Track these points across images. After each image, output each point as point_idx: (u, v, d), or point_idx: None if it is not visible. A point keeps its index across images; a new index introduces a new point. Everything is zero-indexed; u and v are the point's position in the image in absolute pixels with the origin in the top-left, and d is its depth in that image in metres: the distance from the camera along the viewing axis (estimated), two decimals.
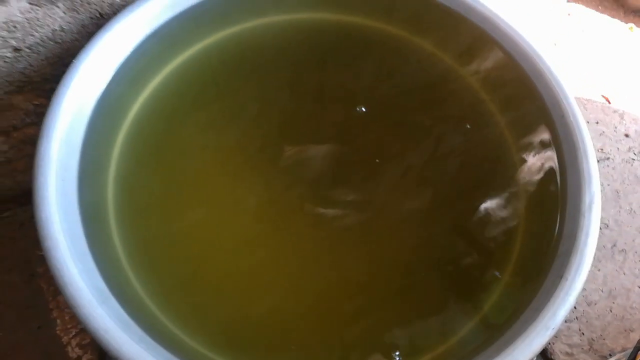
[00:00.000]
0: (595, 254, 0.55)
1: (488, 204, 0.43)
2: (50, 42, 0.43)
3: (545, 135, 0.41)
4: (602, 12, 0.73)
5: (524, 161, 0.43)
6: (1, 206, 0.57)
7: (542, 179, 0.41)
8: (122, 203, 0.40)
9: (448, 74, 0.47)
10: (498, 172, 0.44)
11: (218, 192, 0.44)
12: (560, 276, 0.32)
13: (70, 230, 0.33)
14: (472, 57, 0.46)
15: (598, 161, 0.61)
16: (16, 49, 0.42)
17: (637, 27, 0.71)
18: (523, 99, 0.42)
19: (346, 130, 0.47)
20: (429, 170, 0.46)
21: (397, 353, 0.38)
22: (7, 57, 0.42)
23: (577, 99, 0.65)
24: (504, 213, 0.42)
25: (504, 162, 0.44)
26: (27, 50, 0.43)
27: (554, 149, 0.40)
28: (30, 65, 0.44)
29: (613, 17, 0.72)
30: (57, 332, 0.51)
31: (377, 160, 0.46)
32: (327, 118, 0.47)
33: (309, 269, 0.42)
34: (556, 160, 0.39)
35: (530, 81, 0.41)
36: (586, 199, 0.34)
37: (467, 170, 0.45)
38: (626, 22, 0.72)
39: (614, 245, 0.56)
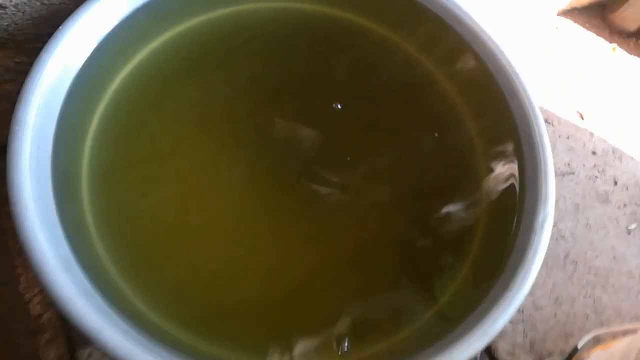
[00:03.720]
0: (548, 262, 0.58)
1: (453, 204, 0.45)
2: (37, 2, 0.43)
3: (511, 149, 0.42)
4: (588, 29, 0.74)
5: (490, 170, 0.45)
6: None
7: (503, 190, 0.43)
8: (97, 174, 0.40)
9: (427, 78, 0.48)
10: (465, 176, 0.46)
11: (195, 169, 0.45)
12: (505, 287, 0.34)
13: (41, 197, 0.34)
14: (451, 65, 0.47)
15: (563, 175, 0.63)
16: (1, 6, 0.41)
17: (620, 48, 0.73)
18: (495, 112, 0.44)
19: (320, 125, 0.48)
20: (401, 166, 0.47)
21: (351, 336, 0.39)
22: None
23: (552, 113, 0.67)
24: (465, 215, 0.44)
25: (471, 168, 0.46)
26: (13, 8, 0.42)
27: (517, 164, 0.41)
28: (15, 24, 0.44)
29: (598, 35, 0.74)
30: (20, 289, 0.52)
31: (350, 155, 0.47)
32: (300, 112, 0.48)
33: (278, 248, 0.43)
34: (517, 175, 0.41)
35: (504, 97, 0.42)
36: (540, 217, 0.36)
37: (436, 170, 0.47)
38: (610, 42, 0.74)
39: (567, 256, 0.59)
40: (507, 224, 0.40)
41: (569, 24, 0.73)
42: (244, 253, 0.43)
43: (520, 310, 0.55)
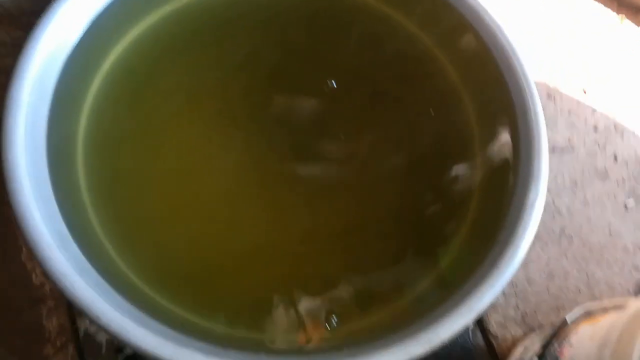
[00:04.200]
0: (543, 237, 0.58)
1: (446, 179, 0.46)
2: None
3: (506, 127, 0.42)
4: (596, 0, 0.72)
5: (485, 146, 0.45)
6: None
7: (497, 167, 0.43)
8: (92, 150, 0.41)
9: (425, 54, 0.47)
10: (460, 151, 0.46)
11: (191, 143, 0.45)
12: (493, 264, 0.34)
13: (36, 174, 0.34)
14: (450, 42, 0.47)
15: (563, 151, 0.63)
16: None
17: (628, 19, 0.72)
18: (492, 90, 0.43)
19: (316, 99, 0.47)
20: (397, 141, 0.48)
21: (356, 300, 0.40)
22: None
23: (555, 87, 0.66)
24: (458, 191, 0.45)
25: (467, 144, 0.46)
26: None
27: (511, 141, 0.41)
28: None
29: (606, 7, 0.72)
30: (22, 259, 0.53)
31: (347, 129, 0.47)
32: (297, 86, 0.48)
33: (280, 217, 0.44)
34: (511, 153, 0.41)
35: (502, 75, 0.42)
36: (531, 195, 0.36)
37: (431, 145, 0.47)
38: (618, 13, 0.72)
39: (562, 232, 0.59)
40: (499, 201, 0.40)
41: None
42: (240, 225, 0.44)
43: (513, 284, 0.56)
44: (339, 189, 0.46)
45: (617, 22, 0.71)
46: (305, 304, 0.40)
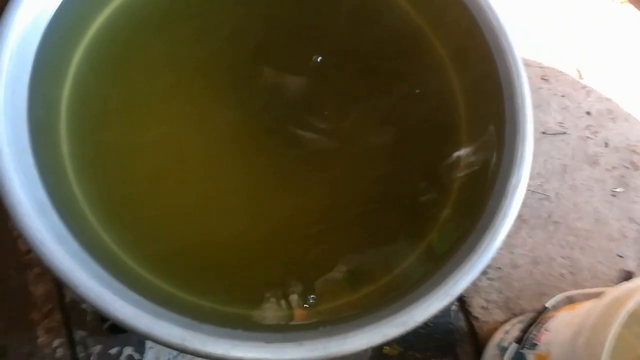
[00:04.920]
0: (530, 222, 0.59)
1: (430, 158, 0.46)
2: None
3: (493, 110, 0.42)
4: None
5: (470, 127, 0.45)
6: None
7: (481, 149, 0.43)
8: (75, 119, 0.40)
9: (414, 31, 0.47)
10: (445, 131, 0.46)
11: (177, 114, 0.45)
12: (471, 249, 0.35)
13: (16, 142, 0.34)
14: (440, 19, 0.46)
15: (555, 134, 0.62)
16: None
17: (629, 2, 0.70)
18: (482, 70, 0.43)
19: (304, 73, 0.47)
20: (384, 116, 0.47)
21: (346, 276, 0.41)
22: None
23: (550, 69, 0.65)
24: (441, 172, 0.45)
25: (455, 123, 0.46)
26: None
27: (497, 124, 0.41)
28: None
29: None
30: (9, 226, 0.53)
31: (335, 103, 0.47)
32: (285, 60, 0.47)
33: (264, 194, 0.44)
34: (496, 135, 0.41)
35: (491, 56, 0.41)
36: (513, 180, 0.36)
37: (417, 121, 0.47)
38: None
39: (549, 217, 0.59)
40: (482, 184, 0.40)
41: None
42: (225, 200, 0.44)
43: (497, 268, 0.56)
44: (326, 166, 0.46)
45: (615, 6, 0.70)
46: (289, 282, 0.40)
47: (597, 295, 0.46)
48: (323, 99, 0.47)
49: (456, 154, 0.45)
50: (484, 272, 0.55)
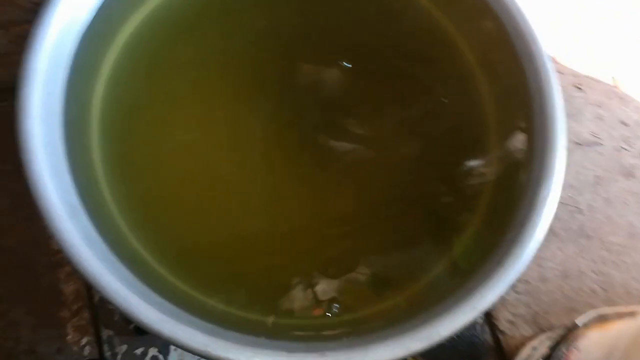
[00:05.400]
0: (561, 234, 0.57)
1: (459, 167, 0.45)
2: None
3: (524, 117, 0.41)
4: None
5: (500, 136, 0.44)
6: None
7: (512, 159, 0.42)
8: (108, 121, 0.41)
9: (444, 36, 0.46)
10: (477, 138, 0.45)
11: (208, 116, 0.45)
12: (499, 263, 0.34)
13: (51, 145, 0.35)
14: (468, 24, 0.45)
15: (588, 145, 0.61)
16: None
17: None
18: (510, 78, 0.42)
19: (334, 77, 0.47)
20: (416, 121, 0.47)
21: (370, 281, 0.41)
22: None
23: (585, 77, 0.64)
24: (471, 182, 0.44)
25: (484, 130, 0.45)
26: None
27: (527, 133, 0.40)
28: None
29: None
30: (42, 224, 0.54)
31: (364, 109, 0.47)
32: (316, 63, 0.47)
33: (293, 196, 0.44)
34: (527, 145, 0.40)
35: (521, 63, 0.40)
36: (543, 192, 0.35)
37: (446, 129, 0.46)
38: None
39: (581, 230, 0.57)
40: (512, 195, 0.39)
41: None
42: (251, 202, 0.44)
43: (525, 281, 0.55)
44: (351, 170, 0.46)
45: None
46: (316, 287, 0.40)
47: (630, 314, 0.44)
48: (350, 104, 0.47)
49: (485, 162, 0.44)
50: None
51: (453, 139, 0.46)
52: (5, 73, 0.55)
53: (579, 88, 0.64)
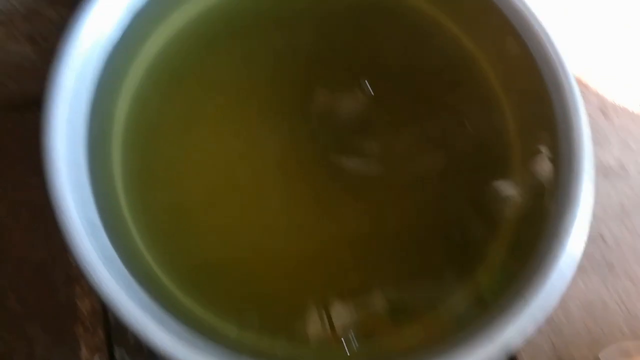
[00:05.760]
0: (583, 265, 0.55)
1: (486, 189, 0.44)
2: None
3: (548, 143, 0.40)
4: None
5: (527, 161, 0.43)
6: (26, 107, 0.60)
7: (538, 185, 0.41)
8: (130, 138, 0.41)
9: (467, 59, 0.46)
10: (501, 163, 0.44)
11: (230, 138, 0.45)
12: (522, 296, 0.33)
13: (73, 160, 0.35)
14: (493, 47, 0.45)
15: (613, 172, 0.59)
16: None
17: None
18: (536, 102, 0.41)
19: (358, 99, 0.47)
20: (437, 145, 0.46)
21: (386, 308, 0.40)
22: None
23: (610, 101, 0.62)
24: (498, 202, 0.43)
25: (508, 155, 0.44)
26: None
27: (552, 160, 0.39)
28: None
29: None
30: (60, 240, 0.55)
31: (386, 130, 0.47)
32: (339, 85, 0.47)
33: (311, 216, 0.44)
34: (551, 174, 0.39)
35: (546, 87, 0.39)
36: (567, 226, 0.34)
37: (471, 152, 0.46)
38: None
39: (605, 260, 0.56)
40: (537, 224, 0.38)
41: None
42: (269, 223, 0.43)
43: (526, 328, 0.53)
44: (370, 192, 0.45)
45: None
46: (331, 312, 0.39)
47: None
48: (369, 124, 0.47)
49: (508, 187, 0.43)
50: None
51: (475, 162, 0.45)
52: (35, 86, 0.57)
53: (605, 113, 0.63)
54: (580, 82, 0.63)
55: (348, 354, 0.37)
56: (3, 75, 0.54)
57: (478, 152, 0.46)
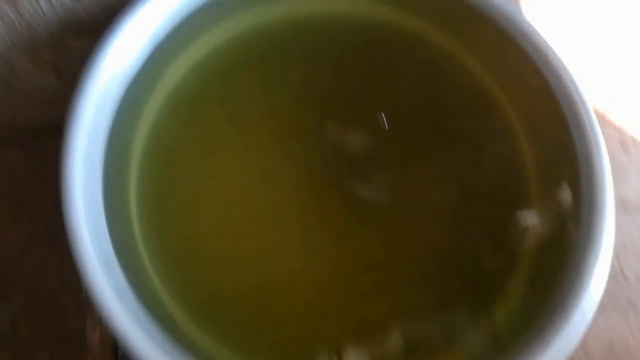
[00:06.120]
0: (605, 304, 0.54)
1: (503, 224, 0.43)
2: None
3: (567, 180, 0.39)
4: None
5: (544, 196, 0.42)
6: (46, 135, 0.61)
7: (555, 222, 0.40)
8: (147, 167, 0.42)
9: (483, 92, 0.45)
10: (517, 197, 0.44)
11: (246, 162, 0.45)
12: (542, 337, 0.32)
13: (90, 189, 0.35)
14: (511, 81, 0.44)
15: (634, 209, 0.58)
16: None
17: None
18: (554, 140, 0.41)
19: (372, 131, 0.47)
20: (453, 177, 0.46)
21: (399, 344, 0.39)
22: (66, 2, 0.44)
23: (630, 136, 0.62)
24: (515, 238, 0.42)
25: (525, 190, 0.43)
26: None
27: (573, 198, 0.38)
28: (88, 13, 0.45)
29: None
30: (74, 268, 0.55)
31: (399, 163, 0.46)
32: (353, 118, 0.47)
33: (325, 248, 0.43)
34: (573, 209, 0.38)
35: (567, 125, 0.39)
36: (589, 265, 0.33)
37: (488, 184, 0.45)
38: None
39: (627, 300, 0.54)
40: (556, 265, 0.37)
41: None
42: (283, 253, 0.43)
43: None
44: (385, 224, 0.44)
45: None
46: (343, 347, 0.39)
47: None
48: (386, 155, 0.47)
49: (526, 222, 0.42)
50: None
51: (492, 195, 0.45)
52: (57, 114, 0.58)
53: (624, 147, 0.62)
54: (598, 114, 0.62)
55: None
56: (26, 104, 0.55)
57: (495, 184, 0.45)
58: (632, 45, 0.66)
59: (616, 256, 0.56)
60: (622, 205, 0.58)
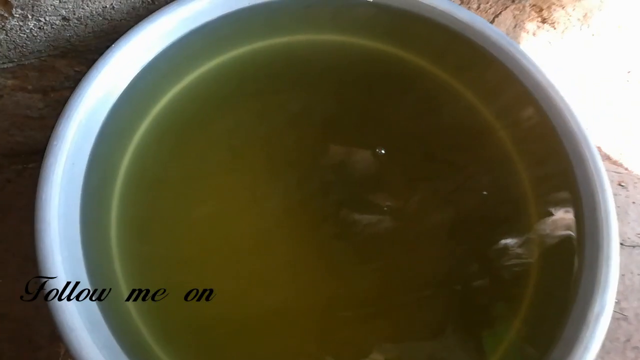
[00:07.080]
0: (605, 345, 0.52)
1: (499, 256, 0.42)
2: (99, 17, 0.44)
3: (570, 221, 0.38)
4: None
5: (544, 229, 0.41)
6: (29, 157, 0.59)
7: (557, 265, 0.39)
8: (129, 194, 0.40)
9: (482, 124, 0.45)
10: (515, 230, 0.42)
11: (234, 188, 0.44)
12: None
13: (67, 215, 0.34)
14: (513, 119, 0.44)
15: (633, 247, 0.57)
16: (65, 19, 0.42)
17: None
18: (558, 179, 0.39)
19: (366, 161, 0.46)
20: (450, 206, 0.45)
21: None
22: (55, 24, 0.43)
23: (628, 174, 0.61)
24: (510, 290, 0.40)
25: (523, 223, 0.42)
26: (76, 21, 0.43)
27: (576, 237, 0.37)
28: (77, 35, 0.45)
29: None
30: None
31: (396, 191, 0.45)
32: (347, 146, 0.46)
33: (315, 277, 0.42)
34: (575, 251, 0.36)
35: (570, 163, 0.38)
36: (595, 308, 0.32)
37: (485, 215, 0.44)
38: None
39: (628, 340, 0.52)
40: (558, 306, 0.35)
41: None
42: (271, 284, 0.41)
43: None
44: (377, 252, 0.43)
45: None
46: None
47: None
48: (379, 182, 0.45)
49: (525, 255, 0.41)
50: None
51: (488, 226, 0.43)
52: (40, 136, 0.56)
53: (622, 186, 0.61)
54: (599, 151, 0.61)
55: None
56: (10, 125, 0.54)
57: (490, 215, 0.44)
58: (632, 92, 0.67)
59: (616, 295, 0.55)
60: (622, 242, 0.57)
